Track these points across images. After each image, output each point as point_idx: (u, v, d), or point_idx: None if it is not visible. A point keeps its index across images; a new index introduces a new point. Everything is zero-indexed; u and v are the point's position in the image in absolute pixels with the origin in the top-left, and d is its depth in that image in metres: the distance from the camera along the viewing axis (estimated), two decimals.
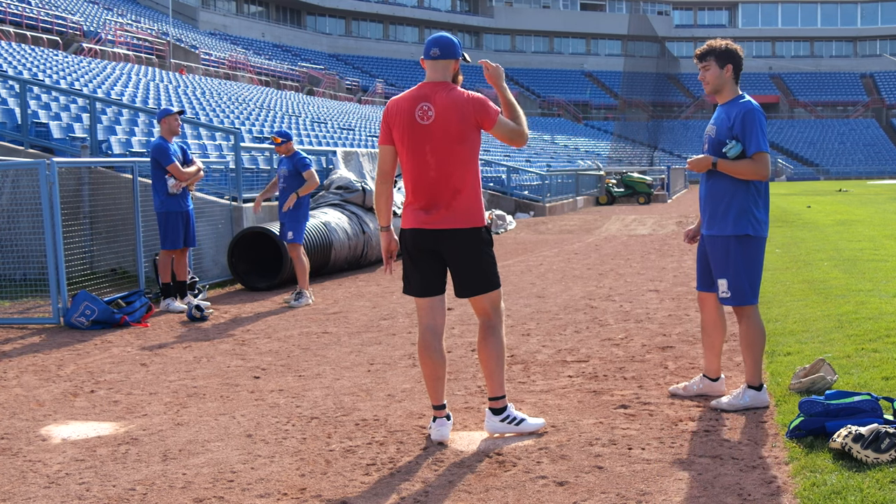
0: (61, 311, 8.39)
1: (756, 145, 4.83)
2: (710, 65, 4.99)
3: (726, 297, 4.99)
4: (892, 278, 9.53)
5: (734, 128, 4.89)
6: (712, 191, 5.00)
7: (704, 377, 5.31)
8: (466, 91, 4.57)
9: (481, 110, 4.49)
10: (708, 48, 5.02)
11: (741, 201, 4.90)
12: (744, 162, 4.86)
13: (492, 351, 4.62)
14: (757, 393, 4.98)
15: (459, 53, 4.60)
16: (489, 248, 4.62)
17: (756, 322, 5.01)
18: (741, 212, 4.90)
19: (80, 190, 10.65)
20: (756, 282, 5.00)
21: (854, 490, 3.58)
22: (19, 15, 33.41)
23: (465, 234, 4.51)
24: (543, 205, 27.64)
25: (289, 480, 4.04)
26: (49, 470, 4.26)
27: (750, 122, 4.85)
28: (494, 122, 4.53)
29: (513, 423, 4.62)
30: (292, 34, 71.86)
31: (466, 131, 4.48)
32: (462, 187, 4.50)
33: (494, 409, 4.64)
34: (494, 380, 4.64)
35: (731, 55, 4.99)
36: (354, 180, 13.85)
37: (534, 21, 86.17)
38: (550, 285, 10.65)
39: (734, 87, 5.03)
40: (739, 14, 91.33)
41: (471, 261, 4.55)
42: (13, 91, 14.76)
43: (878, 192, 38.24)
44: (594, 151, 63.52)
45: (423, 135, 4.48)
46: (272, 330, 8.06)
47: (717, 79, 4.99)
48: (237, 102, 28.23)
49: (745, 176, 4.87)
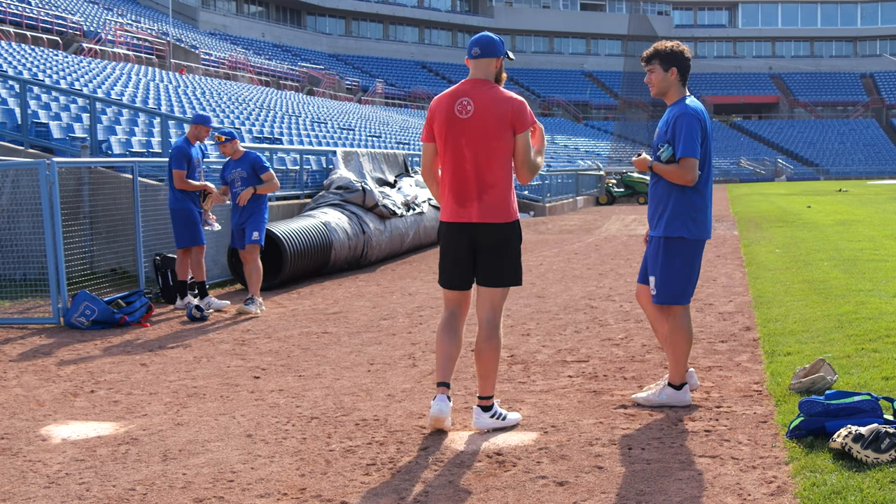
0: (61, 311, 8.39)
1: (682, 150, 4.84)
2: (654, 67, 5.03)
3: (654, 295, 5.08)
4: (892, 278, 9.53)
5: (668, 132, 4.93)
6: (654, 192, 5.08)
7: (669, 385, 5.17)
8: (508, 92, 4.65)
9: (519, 113, 4.59)
10: (654, 51, 5.05)
11: (677, 204, 4.94)
12: (672, 166, 4.90)
13: (494, 351, 4.70)
14: (676, 392, 5.04)
15: (501, 52, 4.70)
16: (517, 245, 4.74)
17: (681, 323, 5.05)
18: (676, 214, 4.94)
19: (80, 190, 10.65)
20: (688, 284, 5.03)
21: (854, 490, 3.58)
22: (19, 15, 33.41)
23: (496, 229, 4.64)
24: (543, 205, 27.65)
25: (289, 480, 4.04)
26: (49, 470, 4.26)
27: (680, 127, 4.87)
28: (525, 129, 4.60)
29: (500, 419, 4.74)
30: (292, 34, 71.85)
31: (503, 129, 4.58)
32: (496, 182, 4.61)
33: (485, 406, 4.74)
34: (489, 380, 4.73)
35: (677, 57, 5.01)
36: (354, 180, 13.85)
37: (534, 21, 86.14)
38: (550, 285, 10.65)
39: (680, 89, 5.04)
40: (739, 14, 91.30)
41: (498, 254, 4.68)
42: (13, 91, 14.76)
43: (878, 192, 38.24)
44: (594, 151, 63.53)
45: (460, 128, 4.60)
46: (272, 330, 8.06)
47: (661, 81, 5.03)
48: (237, 102, 28.23)
49: (673, 180, 4.91)
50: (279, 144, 19.04)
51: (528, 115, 4.61)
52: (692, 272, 5.05)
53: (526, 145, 4.63)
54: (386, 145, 28.24)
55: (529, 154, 4.65)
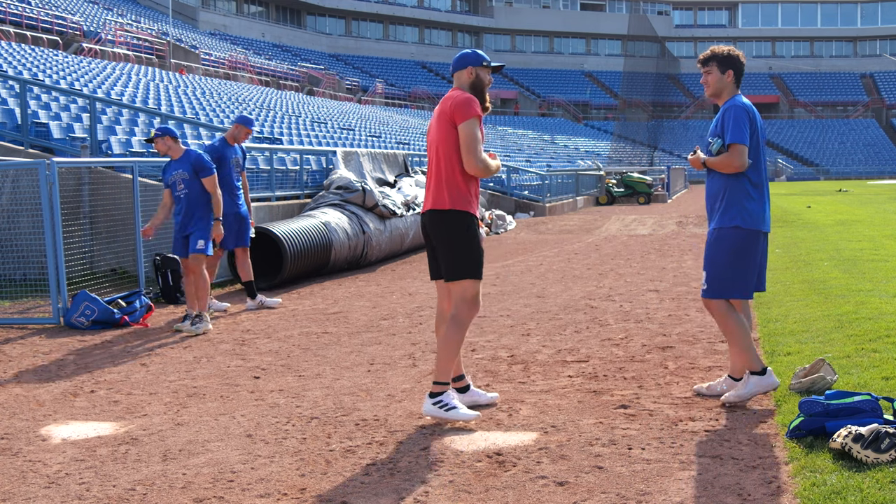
0: (61, 311, 8.39)
1: (730, 137, 4.96)
2: (712, 69, 5.18)
3: (703, 290, 5.07)
4: (892, 278, 9.52)
5: (718, 126, 5.08)
6: (710, 187, 5.18)
7: (729, 377, 5.24)
8: (462, 93, 4.95)
9: (457, 106, 4.87)
10: (711, 54, 5.21)
11: (732, 194, 5.01)
12: (721, 155, 5.01)
13: (443, 340, 4.89)
14: (760, 378, 4.98)
15: (471, 62, 5.06)
16: (464, 235, 4.87)
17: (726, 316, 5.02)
18: (731, 204, 5.00)
19: (80, 190, 10.65)
20: (739, 276, 5.00)
21: (854, 490, 3.58)
22: (19, 15, 33.42)
23: (440, 216, 4.90)
24: (543, 205, 27.64)
25: (289, 480, 4.04)
26: (49, 470, 4.26)
27: (728, 118, 5.02)
28: (463, 119, 4.84)
29: (442, 408, 4.84)
30: (292, 34, 71.85)
31: (447, 124, 4.89)
32: (442, 172, 4.91)
33: (432, 392, 4.88)
34: (438, 365, 4.91)
35: (734, 61, 5.18)
36: (354, 180, 13.85)
37: (534, 21, 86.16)
38: (550, 285, 10.65)
39: (733, 90, 5.19)
40: (739, 14, 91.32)
41: (441, 244, 4.94)
42: (13, 91, 14.75)
43: (878, 192, 38.24)
44: (594, 151, 63.51)
45: (431, 133, 5.06)
46: (272, 330, 8.06)
47: (718, 82, 5.18)
48: (237, 102, 28.22)
49: (723, 168, 5.00)
50: (279, 144, 19.03)
51: (466, 107, 4.83)
52: (746, 265, 5.00)
53: (467, 135, 4.82)
54: (386, 145, 28.24)
55: (471, 143, 4.82)
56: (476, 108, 4.86)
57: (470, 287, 4.87)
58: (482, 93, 5.05)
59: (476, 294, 4.91)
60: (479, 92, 5.03)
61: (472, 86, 5.03)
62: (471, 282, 4.88)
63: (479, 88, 5.04)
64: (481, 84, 5.05)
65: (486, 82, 5.07)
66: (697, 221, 22.18)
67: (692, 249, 14.68)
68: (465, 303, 4.87)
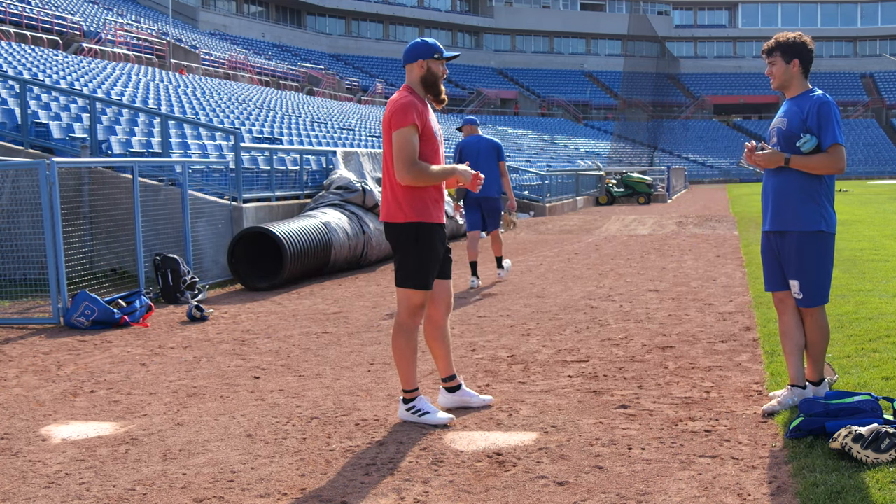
0: (61, 311, 8.39)
1: (832, 137, 4.68)
2: (776, 59, 4.87)
3: (799, 299, 4.85)
4: (892, 278, 9.53)
5: (808, 121, 4.74)
6: (782, 187, 4.82)
7: (793, 387, 4.93)
8: (406, 96, 4.78)
9: (393, 112, 4.74)
10: (775, 43, 4.90)
11: (814, 196, 4.76)
12: (819, 156, 4.71)
13: (393, 347, 4.93)
14: (816, 388, 4.87)
15: (421, 55, 4.85)
16: (413, 246, 4.80)
17: (825, 323, 4.89)
18: (814, 207, 4.76)
19: (80, 190, 10.66)
20: (828, 280, 4.86)
21: (854, 490, 3.58)
22: (19, 15, 33.43)
23: (390, 228, 4.87)
24: (543, 205, 27.64)
25: (289, 480, 4.04)
26: (49, 470, 4.26)
27: (826, 115, 4.71)
28: (397, 127, 4.70)
29: (415, 414, 4.88)
30: (292, 34, 71.86)
31: (387, 130, 4.80)
32: (390, 185, 4.82)
33: (404, 398, 4.94)
34: (399, 374, 4.95)
35: (799, 49, 4.84)
36: (354, 180, 13.86)
37: (534, 21, 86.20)
38: (550, 285, 10.65)
39: (803, 81, 4.89)
40: (739, 14, 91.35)
41: (396, 251, 4.90)
42: (13, 91, 14.76)
43: (878, 192, 38.24)
44: (594, 151, 63.51)
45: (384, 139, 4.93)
46: (272, 330, 8.06)
47: (783, 73, 4.87)
48: (237, 102, 28.23)
49: (820, 170, 4.72)
50: (279, 144, 19.04)
51: (401, 115, 4.68)
52: (831, 268, 4.87)
53: (398, 143, 4.67)
54: None
55: (402, 152, 4.66)
56: (412, 115, 4.67)
57: (414, 296, 4.84)
58: (435, 86, 4.85)
59: (421, 304, 4.86)
60: (432, 86, 4.85)
61: (423, 80, 4.84)
62: (415, 291, 4.83)
63: (430, 82, 4.85)
64: (433, 77, 4.85)
65: (440, 74, 4.86)
66: (697, 221, 22.18)
67: (692, 249, 14.68)
68: (407, 310, 4.86)
